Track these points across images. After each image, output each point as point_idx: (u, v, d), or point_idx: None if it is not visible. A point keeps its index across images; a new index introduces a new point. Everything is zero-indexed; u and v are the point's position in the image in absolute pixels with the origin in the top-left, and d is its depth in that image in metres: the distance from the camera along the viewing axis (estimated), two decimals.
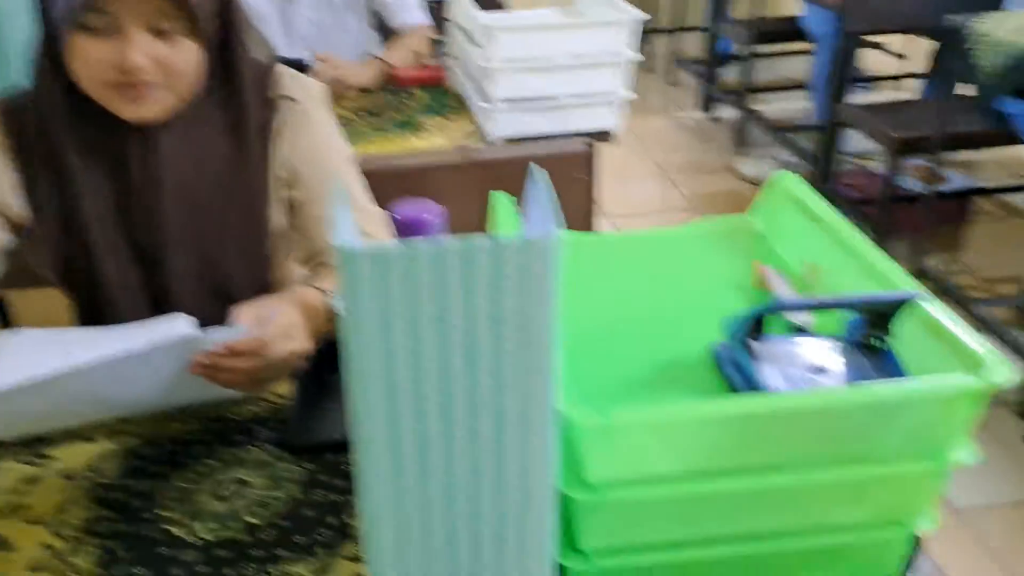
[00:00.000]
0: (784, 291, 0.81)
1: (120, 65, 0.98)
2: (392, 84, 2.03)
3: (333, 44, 2.20)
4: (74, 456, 0.93)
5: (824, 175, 3.14)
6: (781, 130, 3.55)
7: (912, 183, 3.17)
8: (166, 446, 0.94)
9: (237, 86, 1.11)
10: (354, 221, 1.19)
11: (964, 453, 0.65)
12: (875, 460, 0.64)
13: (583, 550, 0.67)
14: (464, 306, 0.51)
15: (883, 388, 0.62)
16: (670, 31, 4.51)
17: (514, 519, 0.58)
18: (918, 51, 3.95)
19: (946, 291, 2.59)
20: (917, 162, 3.23)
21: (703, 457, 0.63)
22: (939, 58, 3.38)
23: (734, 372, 0.71)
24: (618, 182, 3.65)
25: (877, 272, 0.75)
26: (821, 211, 0.85)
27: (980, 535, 1.99)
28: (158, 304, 1.12)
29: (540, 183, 0.61)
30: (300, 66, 1.83)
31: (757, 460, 0.63)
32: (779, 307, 0.67)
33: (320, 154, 1.20)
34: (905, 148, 2.68)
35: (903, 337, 0.71)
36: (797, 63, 4.69)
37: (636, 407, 0.60)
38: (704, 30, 4.04)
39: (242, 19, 1.10)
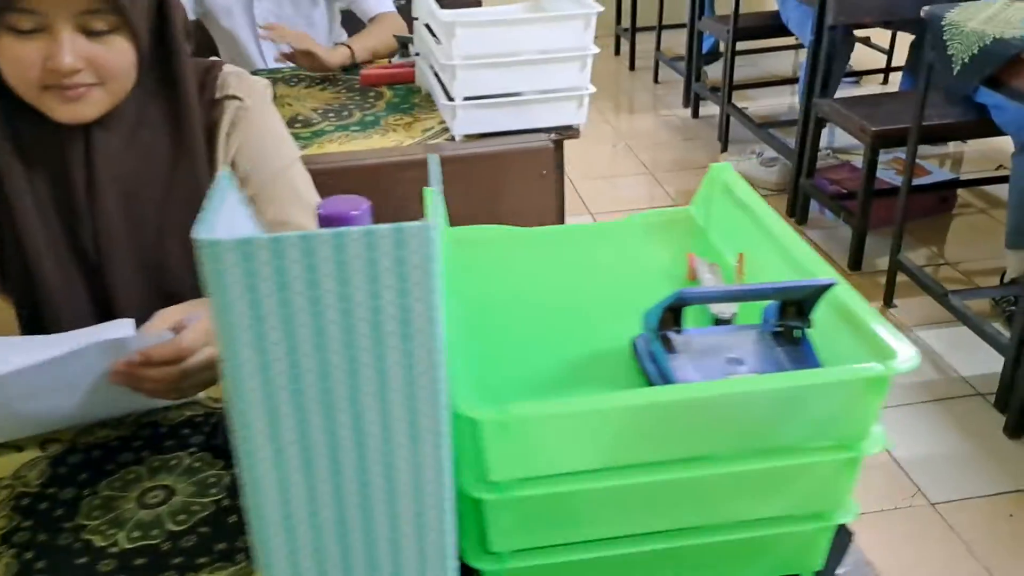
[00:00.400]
0: (710, 281, 0.80)
1: (51, 66, 0.97)
2: (361, 83, 2.02)
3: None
4: (1, 465, 0.91)
5: (806, 170, 3.13)
6: (763, 126, 3.53)
7: (894, 177, 3.16)
8: (93, 453, 0.92)
9: (178, 85, 1.10)
10: (300, 224, 1.20)
11: (874, 442, 0.63)
12: (786, 451, 0.63)
13: (495, 551, 0.65)
14: (339, 298, 0.50)
15: (785, 377, 0.61)
16: (656, 28, 4.49)
17: (409, 520, 0.57)
18: (905, 45, 3.94)
19: (921, 284, 2.58)
20: (900, 155, 3.22)
21: (609, 452, 0.61)
22: (914, 50, 3.37)
23: (650, 365, 0.70)
24: (604, 180, 3.64)
25: (798, 261, 0.74)
26: (751, 201, 0.83)
27: (955, 530, 1.97)
28: (102, 310, 1.10)
29: (433, 174, 0.60)
30: None
31: (665, 454, 0.62)
32: (685, 297, 0.66)
33: (266, 154, 1.19)
34: (882, 141, 2.67)
35: (821, 326, 0.70)
36: (786, 58, 4.68)
37: (535, 401, 0.58)
38: (687, 27, 4.03)
39: (179, 15, 1.08)
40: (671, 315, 0.69)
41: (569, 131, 1.74)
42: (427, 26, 1.79)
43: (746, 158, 3.54)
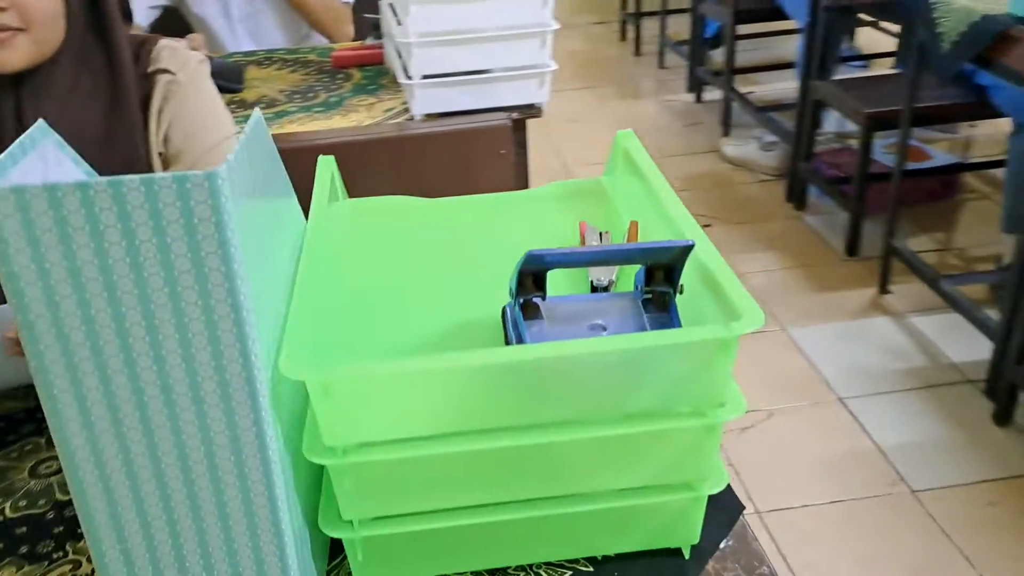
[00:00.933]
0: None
1: None
2: (333, 65, 2.01)
3: (268, 27, 2.20)
4: None
5: (804, 154, 3.08)
6: (763, 110, 3.48)
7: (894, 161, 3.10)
8: None
9: (113, 53, 1.09)
10: None
11: (731, 408, 0.61)
12: (640, 417, 0.61)
13: (347, 520, 0.64)
14: (126, 251, 0.48)
15: (623, 339, 0.59)
16: (661, 13, 4.44)
17: (233, 484, 0.56)
18: None
19: (915, 269, 2.53)
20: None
21: (448, 417, 0.59)
22: (906, 31, 3.29)
23: (511, 331, 0.68)
24: (600, 165, 3.60)
25: (679, 229, 0.71)
26: (647, 170, 0.81)
27: (935, 518, 1.93)
28: None
29: (256, 125, 0.58)
30: None
31: (507, 420, 0.60)
32: (535, 259, 0.64)
33: (199, 130, 1.18)
34: (877, 123, 2.61)
35: (690, 292, 0.67)
36: (791, 42, 4.60)
37: (364, 362, 0.57)
38: (690, 11, 3.97)
39: None
40: (531, 280, 0.67)
41: (531, 110, 1.71)
42: (390, 5, 1.77)
43: (747, 142, 3.49)
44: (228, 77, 1.87)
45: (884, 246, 2.62)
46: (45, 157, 0.56)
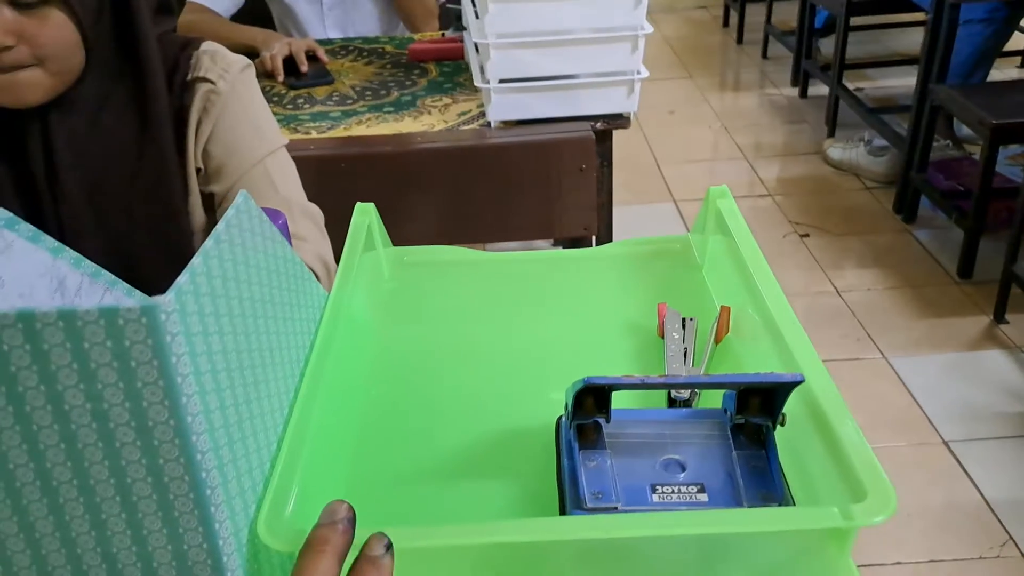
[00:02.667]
0: (675, 343, 0.63)
1: None
2: (408, 58, 1.89)
3: (359, 17, 2.09)
4: None
5: (917, 163, 2.83)
6: (875, 111, 3.22)
7: (1019, 174, 2.82)
8: None
9: (142, 65, 0.99)
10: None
11: None
12: None
13: None
14: (47, 399, 0.37)
15: (700, 518, 0.44)
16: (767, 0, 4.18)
17: None
18: None
19: None
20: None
21: None
22: None
23: (565, 460, 0.54)
24: (695, 165, 3.42)
25: (782, 334, 0.56)
26: (742, 241, 0.66)
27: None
28: None
29: (242, 207, 0.46)
30: None
31: None
32: (592, 385, 0.50)
33: (241, 143, 1.08)
34: (1003, 136, 2.36)
35: (795, 425, 0.52)
36: (915, 35, 4.28)
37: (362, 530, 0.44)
38: None
39: None
40: (592, 399, 0.53)
41: (619, 120, 1.56)
42: None
43: (853, 145, 3.24)
44: (314, 74, 1.78)
45: (1004, 270, 2.38)
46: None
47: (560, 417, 0.58)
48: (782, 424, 0.53)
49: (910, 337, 2.43)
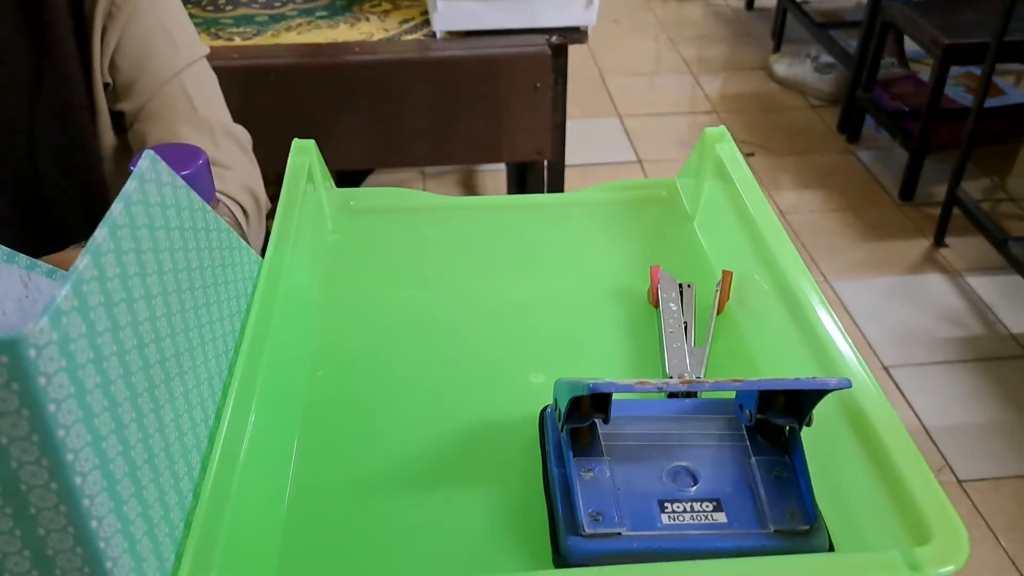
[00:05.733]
0: (673, 314, 0.55)
1: None
2: None
3: None
4: None
5: (865, 82, 2.76)
6: (823, 26, 3.13)
7: (963, 95, 2.79)
8: None
9: None
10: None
11: None
12: None
13: None
14: None
15: (747, 568, 0.37)
16: None
17: None
18: None
19: (979, 224, 2.27)
20: (974, 70, 2.84)
21: None
22: None
23: (555, 469, 0.46)
24: (640, 78, 3.30)
25: (801, 306, 0.48)
26: (749, 194, 0.57)
27: (983, 514, 1.75)
28: None
29: (147, 174, 0.34)
30: None
31: None
32: (598, 392, 0.41)
33: (152, 53, 0.94)
34: (953, 56, 2.31)
35: (823, 425, 0.45)
36: None
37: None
38: None
39: None
40: (589, 400, 0.44)
41: (575, 34, 1.43)
42: None
43: (800, 61, 3.16)
44: None
45: (947, 194, 2.36)
46: None
47: (545, 408, 0.49)
48: (808, 425, 0.45)
49: (851, 260, 2.42)
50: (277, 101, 1.26)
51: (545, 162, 1.46)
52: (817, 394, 0.42)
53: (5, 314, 0.37)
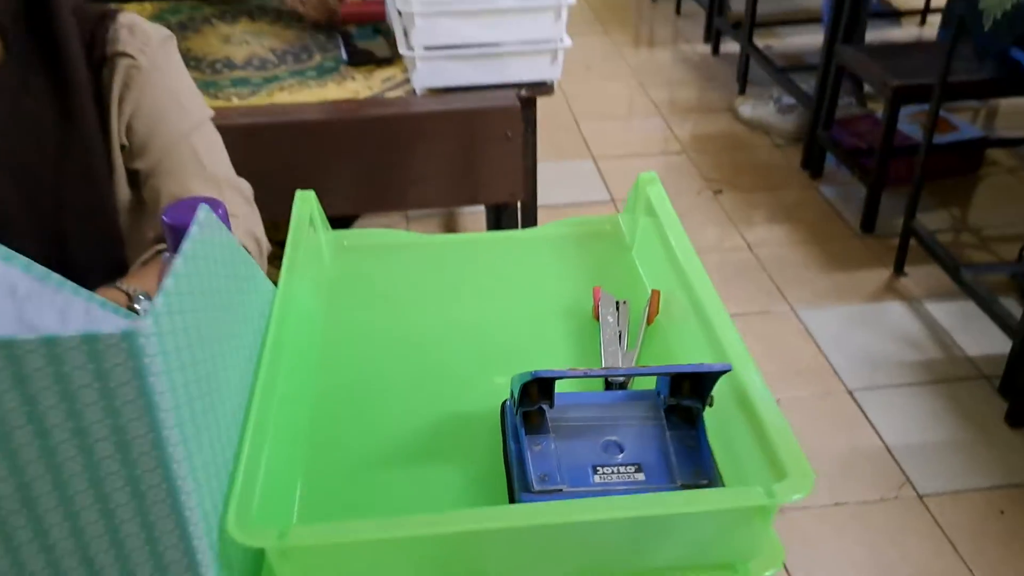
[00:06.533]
0: (611, 327, 0.67)
1: None
2: (334, 22, 1.87)
3: None
4: None
5: (824, 121, 2.93)
6: (784, 70, 3.31)
7: (917, 132, 2.96)
8: None
9: (59, 49, 0.97)
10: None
11: (767, 561, 0.51)
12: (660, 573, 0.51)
13: None
14: (28, 419, 0.38)
15: (636, 502, 0.49)
16: None
17: None
18: None
19: (934, 254, 2.41)
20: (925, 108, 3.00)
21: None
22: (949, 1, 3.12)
23: (512, 443, 0.58)
24: (613, 121, 3.46)
25: (708, 317, 0.61)
26: (670, 227, 0.70)
27: (942, 525, 1.86)
28: None
29: (204, 222, 0.47)
30: None
31: None
32: (540, 378, 0.53)
33: (165, 118, 1.06)
34: (904, 97, 2.47)
35: (723, 406, 0.57)
36: None
37: (324, 523, 0.47)
38: None
39: None
40: (536, 388, 0.56)
41: (542, 88, 1.58)
42: None
43: (764, 103, 3.33)
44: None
45: (904, 226, 2.50)
46: None
47: (505, 401, 0.62)
48: (710, 405, 0.57)
49: (816, 290, 2.55)
50: (273, 155, 1.40)
51: (519, 203, 1.59)
52: (710, 378, 0.54)
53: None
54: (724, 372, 0.53)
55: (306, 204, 0.73)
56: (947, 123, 3.04)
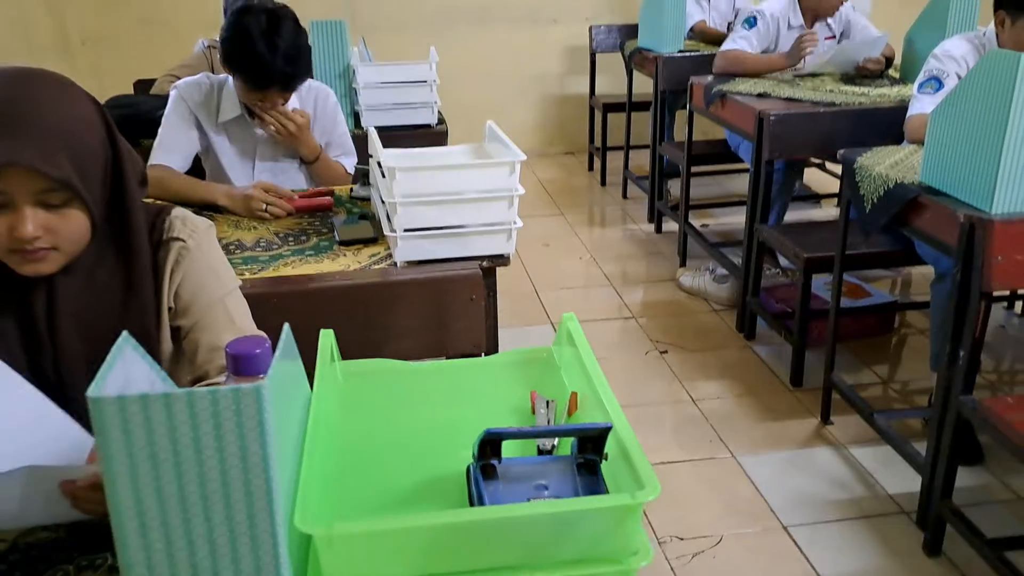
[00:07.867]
0: (542, 417, 0.97)
1: (15, 235, 1.12)
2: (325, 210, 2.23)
3: (286, 177, 2.46)
4: None
5: (752, 289, 3.32)
6: (716, 245, 3.75)
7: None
8: (31, 553, 1.05)
9: (132, 236, 1.26)
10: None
11: (641, 556, 0.79)
12: (565, 565, 0.79)
13: None
14: (192, 441, 0.67)
15: (555, 503, 0.77)
16: (623, 148, 4.78)
17: None
18: None
19: (851, 402, 2.73)
20: (848, 278, 3.41)
21: (425, 560, 0.77)
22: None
23: (473, 488, 0.86)
24: (569, 291, 3.84)
25: (605, 404, 0.91)
26: (583, 351, 1.01)
27: None
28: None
29: (286, 340, 0.78)
30: None
31: (471, 563, 0.78)
32: (494, 435, 0.82)
33: (205, 286, 1.36)
34: (814, 267, 2.87)
35: (613, 457, 0.86)
36: (744, 180, 4.94)
37: (356, 520, 0.75)
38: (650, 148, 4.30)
39: (134, 171, 1.26)
40: (490, 447, 0.85)
41: (500, 259, 1.93)
42: (379, 164, 2.00)
43: (701, 274, 3.74)
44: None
45: (824, 380, 2.83)
46: (124, 356, 0.74)
47: (469, 465, 0.90)
48: (606, 459, 0.86)
49: (754, 438, 2.82)
50: (280, 316, 1.70)
51: (483, 354, 1.90)
52: (599, 437, 0.84)
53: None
54: (608, 430, 0.83)
55: (327, 339, 1.04)
56: (861, 290, 3.46)
